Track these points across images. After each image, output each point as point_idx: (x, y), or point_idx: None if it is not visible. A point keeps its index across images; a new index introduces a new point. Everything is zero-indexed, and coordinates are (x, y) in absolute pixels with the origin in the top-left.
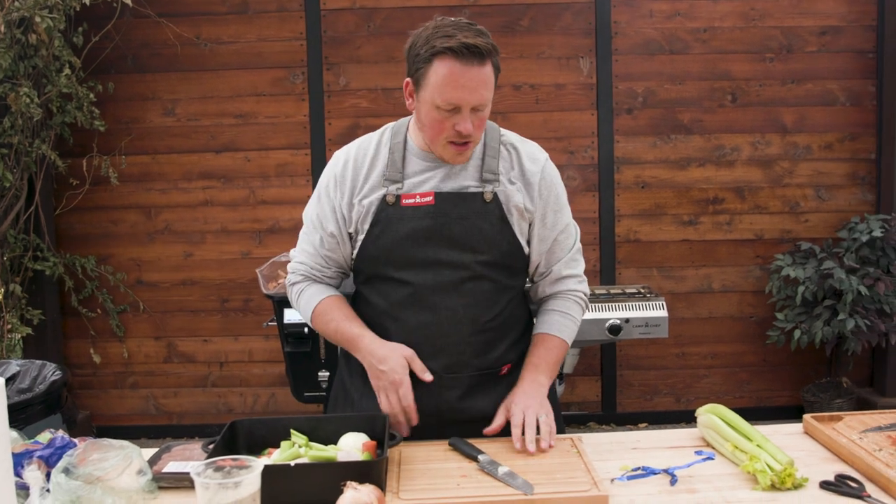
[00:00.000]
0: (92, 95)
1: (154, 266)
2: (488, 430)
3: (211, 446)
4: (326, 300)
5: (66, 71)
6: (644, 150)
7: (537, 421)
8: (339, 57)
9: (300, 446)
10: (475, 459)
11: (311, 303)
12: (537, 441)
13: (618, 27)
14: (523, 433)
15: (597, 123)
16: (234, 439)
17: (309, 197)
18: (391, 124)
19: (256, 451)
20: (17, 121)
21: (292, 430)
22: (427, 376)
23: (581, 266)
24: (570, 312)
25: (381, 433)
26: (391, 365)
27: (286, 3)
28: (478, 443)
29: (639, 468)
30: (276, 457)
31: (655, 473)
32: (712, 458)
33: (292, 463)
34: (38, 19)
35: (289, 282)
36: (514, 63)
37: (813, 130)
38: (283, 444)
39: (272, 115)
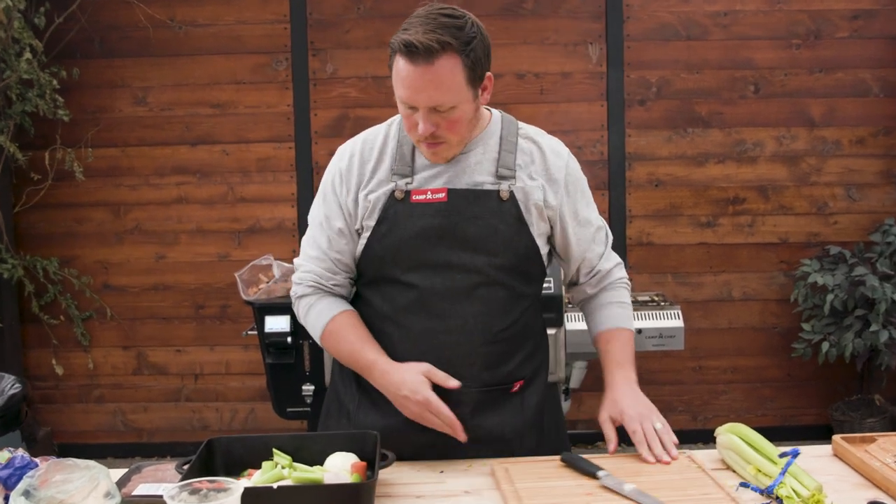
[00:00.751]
0: (55, 82)
1: (123, 269)
2: (612, 449)
3: (186, 466)
4: (338, 318)
5: (27, 55)
6: (658, 145)
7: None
8: (326, 42)
9: (283, 467)
10: (594, 476)
11: (321, 320)
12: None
13: (630, 10)
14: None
15: (606, 116)
16: (210, 459)
17: (293, 194)
18: (399, 115)
19: (235, 471)
20: None
21: (275, 450)
22: (452, 382)
23: (615, 255)
24: (624, 300)
25: (372, 453)
26: (410, 387)
27: None
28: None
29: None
30: (256, 478)
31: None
32: (798, 453)
33: (275, 485)
34: None
35: (295, 294)
36: (516, 50)
37: (843, 124)
38: (265, 464)
39: (253, 105)
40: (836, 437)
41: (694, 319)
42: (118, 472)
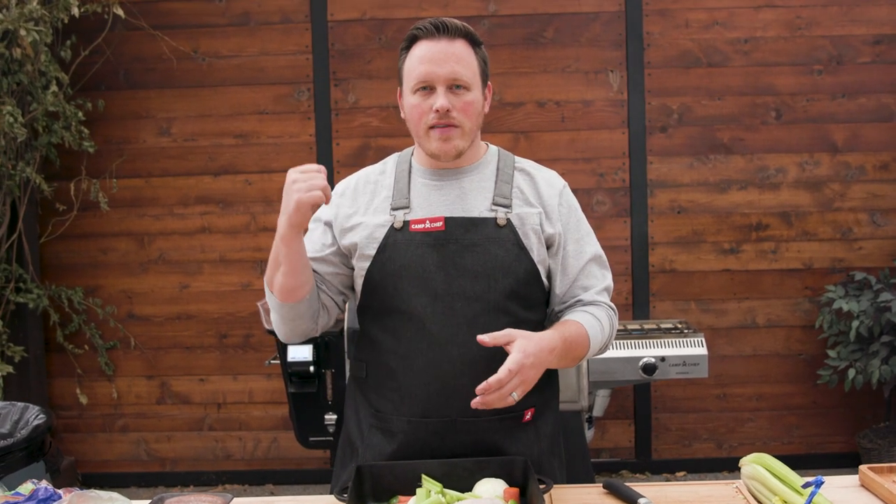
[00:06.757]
0: (81, 114)
1: (147, 298)
2: (485, 338)
3: (345, 494)
4: None
5: (53, 87)
6: (680, 172)
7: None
8: (348, 72)
9: (436, 493)
10: (634, 503)
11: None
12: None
13: (650, 38)
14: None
15: (628, 143)
16: (360, 486)
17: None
18: (396, 154)
19: (384, 498)
20: None
21: (424, 477)
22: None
23: (608, 284)
24: (597, 315)
25: (521, 478)
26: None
27: (291, 15)
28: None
29: None
30: None
31: None
32: (822, 482)
33: None
34: (23, 32)
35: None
36: (537, 78)
37: (866, 149)
38: (420, 491)
39: (275, 135)
40: (863, 468)
41: (718, 346)
42: None
